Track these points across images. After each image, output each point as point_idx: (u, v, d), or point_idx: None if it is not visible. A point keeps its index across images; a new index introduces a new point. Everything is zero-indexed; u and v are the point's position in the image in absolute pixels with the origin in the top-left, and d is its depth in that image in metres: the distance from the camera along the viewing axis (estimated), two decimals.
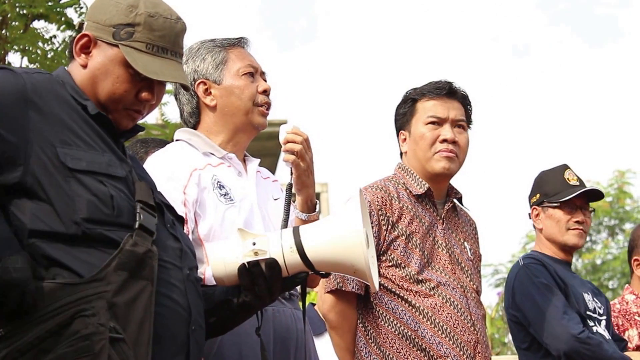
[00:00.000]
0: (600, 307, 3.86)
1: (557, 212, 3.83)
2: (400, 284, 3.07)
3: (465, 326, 3.07)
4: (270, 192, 2.85)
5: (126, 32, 2.07)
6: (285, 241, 2.12)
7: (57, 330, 1.80)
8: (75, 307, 1.81)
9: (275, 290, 2.14)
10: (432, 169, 3.22)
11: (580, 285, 3.86)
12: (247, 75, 2.78)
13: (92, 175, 1.93)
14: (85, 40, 2.09)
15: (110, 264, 1.86)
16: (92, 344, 1.79)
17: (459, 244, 3.25)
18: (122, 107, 2.09)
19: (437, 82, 3.29)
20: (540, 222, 3.89)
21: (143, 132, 2.31)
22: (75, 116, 2.00)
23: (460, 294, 3.12)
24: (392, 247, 3.10)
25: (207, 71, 2.79)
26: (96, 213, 1.90)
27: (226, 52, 2.81)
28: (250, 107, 2.77)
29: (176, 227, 2.12)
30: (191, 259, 2.10)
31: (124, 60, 2.06)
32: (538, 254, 3.88)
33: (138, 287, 1.88)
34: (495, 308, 10.68)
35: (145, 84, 2.09)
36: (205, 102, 2.78)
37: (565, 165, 3.92)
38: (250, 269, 2.11)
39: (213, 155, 2.74)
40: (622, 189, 16.40)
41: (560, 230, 3.84)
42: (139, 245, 1.91)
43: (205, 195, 2.63)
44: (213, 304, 2.17)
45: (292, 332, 2.67)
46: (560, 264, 3.84)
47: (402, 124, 3.30)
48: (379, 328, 3.07)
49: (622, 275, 15.38)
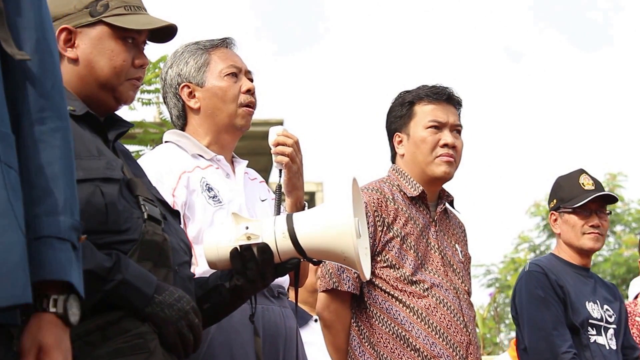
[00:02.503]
0: (611, 314, 3.86)
1: (572, 217, 3.87)
2: (395, 284, 3.10)
3: (458, 327, 3.11)
4: (258, 193, 2.86)
5: (102, 6, 2.10)
6: (278, 227, 2.12)
7: (104, 326, 1.83)
8: None
9: (268, 275, 2.13)
10: (432, 172, 3.24)
11: (591, 292, 3.86)
12: (230, 76, 2.78)
13: (90, 182, 1.92)
14: (65, 34, 2.10)
15: (133, 255, 1.90)
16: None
17: (450, 246, 3.29)
18: (124, 78, 2.11)
19: (435, 86, 3.31)
20: (558, 227, 3.93)
21: (141, 131, 2.35)
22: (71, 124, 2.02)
23: (453, 295, 3.15)
24: (387, 248, 3.13)
25: (189, 74, 2.79)
26: (89, 223, 1.87)
27: (208, 54, 2.81)
28: (234, 108, 2.77)
29: (169, 223, 2.10)
30: (181, 255, 2.07)
31: (111, 33, 2.10)
32: (551, 258, 3.94)
33: (161, 276, 1.93)
34: (487, 308, 10.74)
35: (136, 51, 2.14)
36: (190, 105, 2.79)
37: (582, 170, 3.95)
38: (242, 253, 2.10)
39: (201, 157, 2.75)
40: (613, 191, 16.42)
41: (576, 235, 3.87)
42: (157, 234, 1.95)
43: (194, 197, 2.63)
44: (206, 290, 2.17)
45: (280, 329, 2.68)
46: (575, 268, 3.88)
47: (399, 126, 3.31)
48: (372, 328, 3.09)
49: (612, 277, 15.46)
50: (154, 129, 6.10)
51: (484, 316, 10.09)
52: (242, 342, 2.55)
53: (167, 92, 2.85)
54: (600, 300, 3.87)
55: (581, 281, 3.88)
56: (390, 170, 3.35)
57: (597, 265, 15.58)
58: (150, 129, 6.14)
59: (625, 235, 16.57)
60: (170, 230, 2.07)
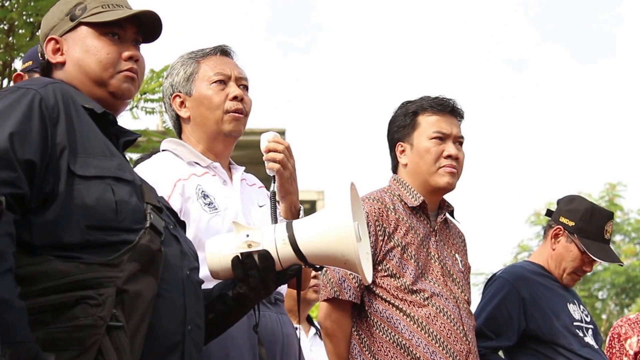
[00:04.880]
0: (587, 314, 3.90)
1: (575, 251, 3.86)
2: (395, 293, 3.12)
3: (458, 336, 3.13)
4: (256, 199, 2.87)
5: (80, 9, 2.19)
6: (279, 234, 2.12)
7: (59, 307, 1.83)
8: (84, 289, 1.85)
9: (269, 282, 2.13)
10: (435, 183, 3.27)
11: (569, 295, 3.89)
12: (217, 84, 2.79)
13: (101, 180, 1.97)
14: (53, 44, 2.19)
15: (126, 253, 1.91)
16: (85, 338, 1.81)
17: (450, 256, 3.31)
18: (114, 71, 2.16)
19: (439, 98, 3.34)
20: (558, 243, 3.90)
21: (145, 139, 2.39)
22: (87, 123, 2.05)
23: (453, 304, 3.17)
24: (387, 257, 3.15)
25: (179, 84, 2.82)
26: (99, 220, 1.94)
27: (197, 64, 2.83)
28: (219, 115, 2.78)
29: (178, 229, 2.15)
30: (191, 261, 2.11)
31: (92, 32, 2.17)
32: (527, 264, 3.93)
33: (146, 282, 1.92)
34: None
35: (123, 45, 2.19)
36: (181, 115, 2.83)
37: (612, 215, 3.97)
38: (243, 261, 2.11)
39: (198, 164, 2.76)
40: (612, 201, 16.53)
41: (569, 264, 3.87)
42: (153, 242, 1.96)
43: (189, 204, 2.65)
44: (210, 299, 2.18)
45: (277, 336, 2.69)
46: (550, 278, 3.89)
47: (402, 136, 3.33)
48: (373, 336, 3.11)
49: (612, 286, 15.48)
50: (157, 137, 6.14)
51: None
52: (239, 348, 2.56)
53: (165, 102, 2.91)
54: (576, 301, 3.91)
55: (554, 288, 3.87)
56: (391, 180, 3.37)
57: (597, 274, 15.61)
58: (153, 137, 6.20)
59: (624, 245, 16.61)
60: (180, 236, 2.11)
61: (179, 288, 2.01)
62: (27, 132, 1.92)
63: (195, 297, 2.07)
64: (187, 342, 2.01)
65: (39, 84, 2.04)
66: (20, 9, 5.28)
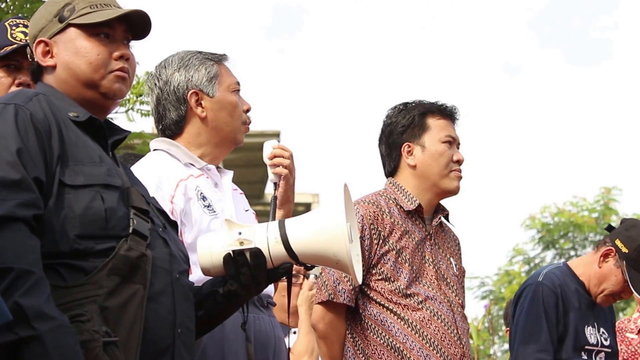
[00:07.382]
0: (606, 337, 3.89)
1: (620, 277, 3.83)
2: (390, 297, 3.12)
3: (452, 340, 3.14)
4: (241, 204, 2.88)
5: (68, 10, 2.17)
6: (271, 232, 2.12)
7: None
8: (70, 310, 1.84)
9: (260, 279, 2.13)
10: (445, 186, 3.29)
11: (593, 316, 3.88)
12: (236, 93, 2.82)
13: (90, 188, 1.96)
14: (42, 46, 2.17)
15: (104, 269, 1.89)
16: (87, 352, 1.81)
17: (445, 260, 3.31)
18: (105, 71, 2.15)
19: (442, 103, 3.37)
20: (605, 263, 3.86)
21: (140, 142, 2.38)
22: (73, 130, 2.04)
23: (447, 308, 3.18)
24: (382, 261, 3.15)
25: (201, 82, 2.79)
26: (89, 229, 1.93)
27: (218, 66, 2.83)
28: (238, 125, 2.81)
29: (168, 231, 2.13)
30: (181, 264, 2.10)
31: (81, 33, 2.15)
32: (568, 274, 3.90)
33: (130, 291, 1.91)
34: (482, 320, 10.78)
35: (113, 44, 2.17)
36: (197, 113, 2.78)
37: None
38: (235, 258, 2.10)
39: (193, 166, 2.75)
40: (608, 205, 16.59)
41: (610, 286, 3.84)
42: (133, 250, 1.94)
43: (190, 205, 2.65)
44: (200, 296, 2.17)
45: (270, 339, 2.71)
46: (584, 291, 3.87)
47: (410, 136, 3.32)
48: (367, 340, 3.12)
49: None
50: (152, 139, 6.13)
51: (479, 327, 10.14)
52: (235, 350, 2.57)
53: (166, 95, 2.82)
54: (598, 323, 3.89)
55: (585, 303, 3.87)
56: (387, 183, 3.37)
57: None
58: (148, 139, 6.18)
59: None
60: (170, 239, 2.10)
61: (169, 292, 2.01)
62: (28, 149, 1.93)
63: (185, 300, 2.07)
64: (177, 345, 2.00)
65: (22, 98, 2.02)
66: (16, 10, 5.28)
